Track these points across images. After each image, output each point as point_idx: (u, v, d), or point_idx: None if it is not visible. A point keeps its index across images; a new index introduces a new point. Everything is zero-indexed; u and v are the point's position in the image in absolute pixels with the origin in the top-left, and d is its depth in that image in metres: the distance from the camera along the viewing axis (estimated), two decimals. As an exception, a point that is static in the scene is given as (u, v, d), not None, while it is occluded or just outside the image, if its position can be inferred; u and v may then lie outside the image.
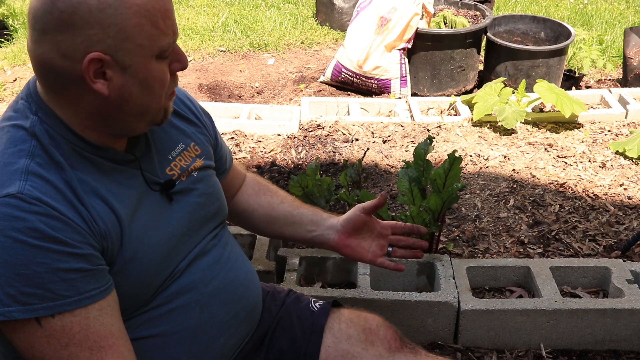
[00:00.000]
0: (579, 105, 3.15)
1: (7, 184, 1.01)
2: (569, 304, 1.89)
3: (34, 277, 0.98)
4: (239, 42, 4.67)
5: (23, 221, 0.98)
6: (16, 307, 0.99)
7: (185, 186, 1.24)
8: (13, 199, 0.99)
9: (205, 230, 1.29)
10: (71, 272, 1.01)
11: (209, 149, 1.35)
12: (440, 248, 2.32)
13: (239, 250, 1.41)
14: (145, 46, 1.03)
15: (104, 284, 1.07)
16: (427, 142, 2.13)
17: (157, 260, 1.16)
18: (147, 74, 1.06)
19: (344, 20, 4.76)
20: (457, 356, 1.90)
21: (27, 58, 4.42)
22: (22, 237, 0.98)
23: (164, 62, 1.08)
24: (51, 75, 1.05)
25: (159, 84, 1.09)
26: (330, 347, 1.37)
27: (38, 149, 1.05)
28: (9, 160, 1.04)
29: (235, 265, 1.34)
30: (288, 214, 1.52)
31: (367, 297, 1.90)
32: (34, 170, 1.03)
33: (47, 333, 1.01)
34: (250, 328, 1.37)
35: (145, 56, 1.04)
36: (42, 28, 1.01)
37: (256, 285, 1.39)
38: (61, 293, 1.01)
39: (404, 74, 3.74)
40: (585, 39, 4.13)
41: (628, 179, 2.82)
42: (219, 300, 1.27)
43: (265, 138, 3.25)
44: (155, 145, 1.22)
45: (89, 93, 1.05)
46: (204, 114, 1.39)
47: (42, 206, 1.00)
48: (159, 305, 1.19)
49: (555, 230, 2.47)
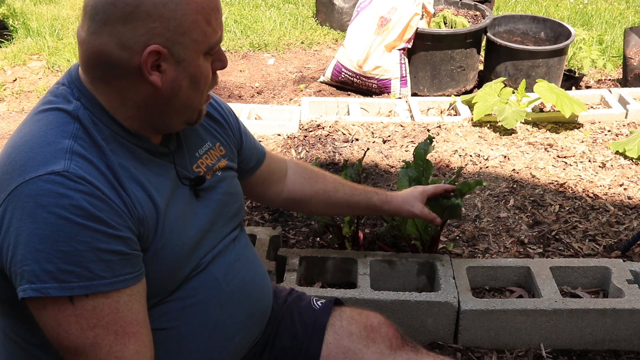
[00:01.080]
0: (579, 105, 3.15)
1: (52, 162, 1.01)
2: (569, 304, 1.89)
3: (74, 254, 0.99)
4: (239, 42, 4.68)
5: (68, 198, 0.99)
6: (52, 284, 0.99)
7: (210, 184, 1.27)
8: (58, 177, 1.00)
9: (227, 229, 1.31)
10: (110, 253, 1.02)
11: (233, 150, 1.38)
12: (440, 248, 2.32)
13: (255, 252, 1.43)
14: (199, 42, 1.08)
15: (138, 270, 1.08)
16: (427, 142, 2.13)
17: (185, 251, 1.17)
18: (197, 69, 1.10)
19: (344, 20, 4.77)
20: (457, 356, 1.91)
21: (27, 58, 4.42)
22: (66, 214, 0.98)
23: (209, 60, 1.13)
24: (105, 66, 1.07)
25: (204, 80, 1.14)
26: (331, 344, 1.38)
27: (81, 132, 1.07)
28: (53, 140, 1.05)
29: (253, 266, 1.36)
30: (345, 202, 1.71)
31: (367, 297, 1.90)
32: (78, 151, 1.04)
33: (78, 312, 1.01)
34: (261, 329, 1.39)
35: (197, 52, 1.09)
36: (103, 19, 1.03)
37: (269, 288, 1.42)
38: (99, 273, 1.01)
39: (404, 74, 3.74)
40: (585, 39, 4.14)
41: (628, 179, 2.82)
42: (238, 300, 1.28)
43: (265, 138, 3.25)
44: (185, 142, 1.25)
45: (142, 84, 1.08)
46: (230, 115, 1.42)
47: (87, 185, 1.01)
48: (182, 297, 1.20)
49: (555, 230, 2.47)
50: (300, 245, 2.38)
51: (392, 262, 2.09)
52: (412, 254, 2.11)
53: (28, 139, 1.06)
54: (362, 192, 1.73)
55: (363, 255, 2.10)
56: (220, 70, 1.17)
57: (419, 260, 2.08)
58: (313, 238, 2.41)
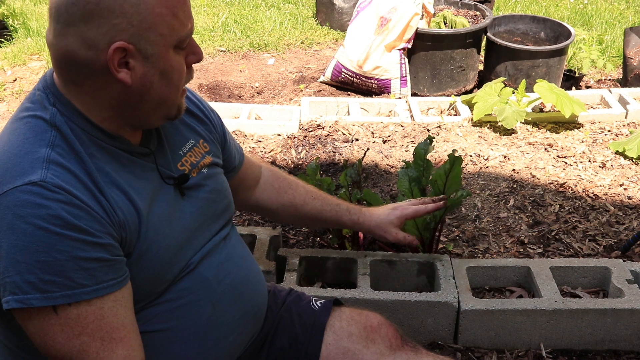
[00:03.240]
0: (579, 105, 3.15)
1: (30, 172, 1.01)
2: (569, 304, 1.89)
3: (54, 264, 0.99)
4: (239, 42, 4.67)
5: (45, 208, 0.99)
6: (35, 295, 0.99)
7: (196, 182, 1.26)
8: (35, 187, 1.00)
9: (216, 227, 1.30)
10: (91, 261, 1.02)
11: (217, 146, 1.37)
12: (440, 248, 2.32)
13: (247, 250, 1.42)
14: (166, 35, 1.06)
15: (121, 275, 1.07)
16: (427, 142, 2.13)
17: (171, 252, 1.17)
18: (167, 64, 1.08)
19: (344, 20, 4.76)
20: (457, 356, 1.90)
21: (27, 58, 4.42)
22: (44, 224, 0.98)
23: (181, 54, 1.11)
24: (74, 67, 1.06)
25: (177, 75, 1.11)
26: (331, 344, 1.37)
27: (59, 139, 1.06)
28: (30, 149, 1.04)
29: (245, 264, 1.35)
30: (312, 217, 1.68)
31: (367, 297, 1.90)
32: (55, 160, 1.04)
33: (62, 321, 1.02)
34: (257, 328, 1.38)
35: (166, 46, 1.07)
36: (66, 20, 1.02)
37: (263, 286, 1.41)
38: (80, 282, 1.01)
39: (404, 74, 3.74)
40: (585, 39, 4.13)
41: (628, 179, 2.82)
42: (230, 299, 1.27)
43: (265, 138, 3.25)
44: (167, 140, 1.24)
45: (112, 83, 1.06)
46: (212, 112, 1.41)
47: (64, 194, 1.01)
48: (172, 299, 1.19)
49: (555, 230, 2.47)
50: (300, 245, 2.38)
51: (392, 262, 2.09)
52: (412, 254, 2.11)
53: (6, 149, 1.06)
54: (332, 208, 1.69)
55: (363, 255, 2.10)
56: (195, 63, 1.15)
57: (419, 260, 2.08)
58: (313, 238, 2.41)
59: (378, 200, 2.11)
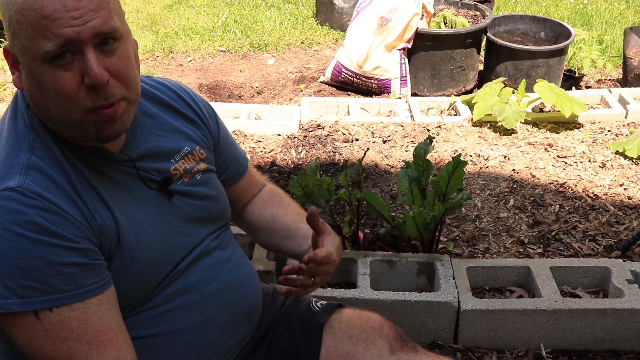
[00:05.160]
0: (579, 105, 3.15)
1: (8, 177, 1.01)
2: (569, 304, 1.89)
3: (32, 270, 0.99)
4: (239, 42, 4.67)
5: (22, 215, 0.99)
6: (14, 300, 0.99)
7: (187, 187, 1.24)
8: (13, 193, 1.00)
9: (206, 231, 1.28)
10: (69, 266, 1.02)
11: (211, 152, 1.34)
12: (440, 248, 2.32)
13: (241, 251, 1.40)
14: (27, 47, 0.98)
15: (103, 279, 1.07)
16: (427, 142, 2.13)
17: (155, 258, 1.15)
18: (39, 76, 1.00)
19: (344, 20, 4.76)
20: (457, 356, 1.91)
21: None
22: (20, 230, 0.98)
23: (62, 70, 0.99)
24: None
25: (53, 91, 1.00)
26: (331, 346, 1.37)
27: (38, 143, 1.06)
28: (9, 154, 1.04)
29: (236, 266, 1.34)
30: (286, 227, 1.43)
31: (367, 297, 1.90)
32: (35, 165, 1.03)
33: (46, 327, 1.02)
34: (250, 329, 1.37)
35: (31, 57, 0.99)
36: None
37: (256, 286, 1.39)
38: (59, 287, 1.01)
39: (404, 74, 3.74)
40: (585, 39, 4.13)
41: (628, 179, 2.82)
42: (218, 301, 1.26)
43: (265, 138, 3.25)
44: (157, 146, 1.21)
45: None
46: (210, 119, 1.36)
47: (41, 200, 1.00)
48: (158, 304, 1.19)
49: (555, 230, 2.47)
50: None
51: (392, 262, 2.09)
52: (412, 254, 2.11)
53: None
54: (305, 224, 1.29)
55: (363, 255, 2.10)
56: (92, 85, 0.99)
57: (419, 260, 2.08)
58: (313, 238, 2.41)
59: (378, 200, 2.11)
